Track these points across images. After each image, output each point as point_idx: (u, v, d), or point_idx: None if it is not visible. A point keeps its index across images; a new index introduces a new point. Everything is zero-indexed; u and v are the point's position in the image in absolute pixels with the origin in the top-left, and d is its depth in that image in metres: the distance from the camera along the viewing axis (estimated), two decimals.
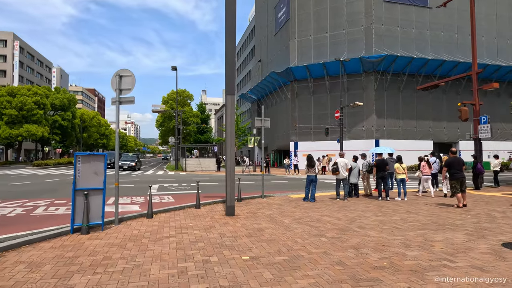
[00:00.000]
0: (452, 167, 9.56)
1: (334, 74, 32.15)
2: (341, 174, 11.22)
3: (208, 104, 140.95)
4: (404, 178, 11.36)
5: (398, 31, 31.81)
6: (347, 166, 11.35)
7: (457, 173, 9.47)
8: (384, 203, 10.49)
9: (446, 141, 33.53)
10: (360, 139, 31.18)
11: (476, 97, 15.08)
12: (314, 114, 33.70)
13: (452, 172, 9.55)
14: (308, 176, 10.88)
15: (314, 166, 10.83)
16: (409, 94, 32.34)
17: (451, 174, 9.56)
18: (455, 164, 9.58)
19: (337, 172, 11.23)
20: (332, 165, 11.47)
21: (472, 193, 13.18)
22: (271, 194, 12.63)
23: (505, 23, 35.17)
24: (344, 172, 11.26)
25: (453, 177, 9.51)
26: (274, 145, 41.42)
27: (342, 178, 11.32)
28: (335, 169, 11.27)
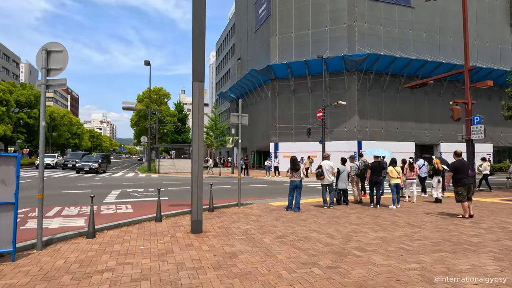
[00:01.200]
0: (458, 172, 8.35)
1: (316, 72, 31.04)
2: (326, 179, 9.90)
3: (187, 104, 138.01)
4: (399, 183, 10.25)
5: (381, 30, 31.07)
6: (332, 170, 10.06)
7: (465, 178, 8.29)
8: (379, 213, 9.17)
9: (428, 142, 33.09)
10: (342, 140, 30.17)
11: (468, 95, 14.13)
12: (295, 114, 32.47)
13: (458, 177, 8.35)
14: (291, 182, 9.46)
15: (299, 170, 9.41)
16: (391, 95, 31.67)
17: (458, 179, 8.35)
18: (462, 168, 8.39)
19: (322, 177, 9.87)
20: (316, 169, 10.13)
21: None
22: (249, 201, 11.08)
23: (486, 26, 35.17)
24: (329, 176, 9.97)
25: (460, 183, 8.30)
26: (253, 145, 39.95)
27: (327, 184, 10.00)
28: (319, 173, 9.90)
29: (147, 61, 28.09)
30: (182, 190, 14.91)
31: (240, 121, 9.85)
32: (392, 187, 10.26)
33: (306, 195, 13.01)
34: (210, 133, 38.09)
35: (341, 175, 10.49)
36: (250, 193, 14.02)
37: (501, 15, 36.88)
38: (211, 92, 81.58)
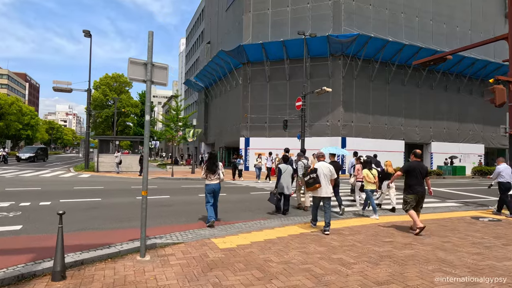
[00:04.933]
0: (412, 176, 6.76)
1: (296, 56, 26.44)
2: (324, 189, 6.66)
3: (158, 97, 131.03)
4: (374, 189, 8.80)
5: (371, 10, 26.89)
6: (332, 176, 6.87)
7: (417, 185, 6.74)
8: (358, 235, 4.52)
9: (418, 141, 29.36)
10: (324, 136, 25.77)
11: None
12: (270, 104, 27.74)
13: (411, 183, 6.76)
14: (207, 186, 7.22)
15: (216, 171, 7.26)
16: (380, 86, 27.60)
17: (410, 185, 6.79)
18: (416, 172, 6.75)
19: (317, 186, 6.62)
20: (308, 173, 6.87)
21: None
22: (178, 232, 6.20)
23: (480, 16, 31.90)
24: (328, 185, 6.74)
25: (411, 190, 6.75)
26: (222, 141, 34.91)
27: (325, 196, 6.68)
28: (314, 180, 6.62)
29: (87, 31, 22.37)
30: (112, 206, 9.75)
31: (151, 75, 4.81)
32: (368, 193, 8.70)
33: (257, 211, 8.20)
34: (171, 125, 32.67)
35: (282, 176, 8.60)
36: (194, 209, 9.10)
37: (495, 6, 33.79)
38: (181, 83, 75.40)
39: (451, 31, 30.07)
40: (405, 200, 6.87)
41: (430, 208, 10.37)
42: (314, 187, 6.63)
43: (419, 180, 6.77)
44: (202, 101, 43.63)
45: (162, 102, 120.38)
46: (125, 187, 14.07)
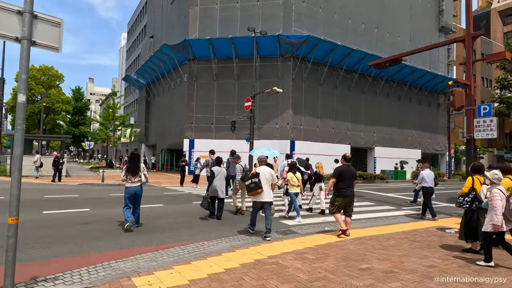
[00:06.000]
0: (341, 180, 6.72)
1: (245, 55, 25.22)
2: (265, 193, 6.66)
3: (96, 95, 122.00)
4: (298, 192, 8.83)
5: (320, 13, 26.69)
6: (273, 180, 6.87)
7: (346, 189, 6.70)
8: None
9: (363, 146, 29.86)
10: (273, 139, 24.82)
11: (470, 72, 9.52)
12: (218, 104, 26.15)
13: (340, 186, 6.72)
14: (127, 189, 6.89)
15: (138, 172, 6.97)
16: (328, 90, 27.48)
17: (338, 189, 6.74)
18: (347, 175, 6.74)
19: (259, 191, 6.57)
20: (249, 177, 6.77)
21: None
22: (87, 266, 4.43)
23: (418, 29, 33.60)
24: (270, 190, 6.78)
25: (340, 194, 6.70)
26: (164, 142, 32.42)
27: (267, 201, 6.69)
28: (256, 185, 6.57)
29: None
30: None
31: (29, 30, 3.04)
32: (293, 197, 8.65)
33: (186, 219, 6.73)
34: (107, 124, 29.44)
35: (215, 179, 8.32)
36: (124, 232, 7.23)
37: (431, 20, 36.02)
38: (121, 80, 70.22)
39: (393, 40, 31.18)
40: (332, 203, 6.83)
41: (390, 217, 9.64)
42: (256, 192, 6.54)
43: (349, 184, 6.75)
44: (143, 99, 40.47)
45: (103, 100, 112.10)
46: (36, 197, 11.51)
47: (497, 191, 4.94)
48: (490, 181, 5.13)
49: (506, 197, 4.95)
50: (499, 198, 4.86)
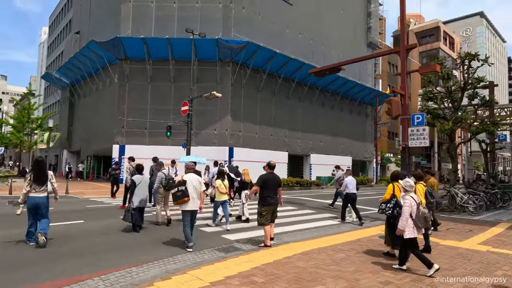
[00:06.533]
0: (266, 187, 6.57)
1: (182, 57, 24.10)
2: (192, 202, 6.43)
3: (9, 94, 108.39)
4: (226, 200, 8.70)
5: (259, 20, 26.78)
6: (201, 188, 6.71)
7: (270, 197, 6.60)
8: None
9: (300, 153, 30.50)
10: (211, 146, 23.99)
11: (404, 82, 9.92)
12: (152, 108, 24.51)
13: (265, 194, 6.57)
14: (30, 199, 6.17)
15: (46, 181, 6.30)
16: (267, 97, 27.58)
17: (264, 197, 6.58)
18: (270, 184, 6.61)
19: (186, 199, 6.34)
20: (176, 185, 6.50)
21: None
22: None
23: (348, 43, 35.61)
24: (198, 198, 6.57)
25: (266, 203, 6.57)
26: (90, 148, 29.49)
27: (194, 210, 6.50)
28: (183, 193, 6.32)
29: None
30: None
31: None
32: (217, 205, 8.56)
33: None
34: (20, 127, 25.75)
35: (137, 188, 7.86)
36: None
37: (361, 36, 38.62)
38: (41, 79, 63.05)
39: (327, 53, 32.59)
40: (260, 213, 6.63)
41: (334, 225, 9.50)
42: (183, 201, 6.30)
43: (273, 192, 6.65)
44: (66, 100, 36.57)
45: (17, 101, 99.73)
46: None
47: (408, 198, 5.15)
48: (403, 189, 5.39)
49: (416, 204, 5.13)
50: (408, 205, 5.06)
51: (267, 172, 6.81)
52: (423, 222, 5.11)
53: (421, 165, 47.78)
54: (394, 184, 6.15)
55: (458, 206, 12.07)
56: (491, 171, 18.64)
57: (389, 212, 5.84)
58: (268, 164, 6.88)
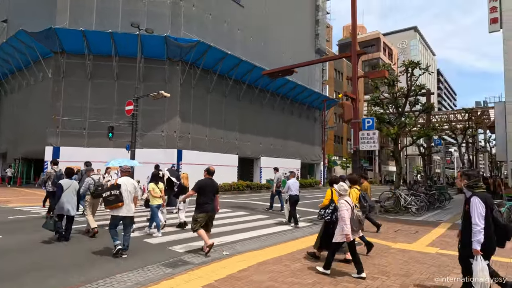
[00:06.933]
0: (203, 194, 6.41)
1: (127, 54, 22.54)
2: (126, 207, 6.18)
3: None
4: (160, 204, 8.39)
5: (210, 20, 26.14)
6: (136, 193, 6.48)
7: (207, 204, 6.43)
8: None
9: (250, 156, 30.31)
10: (158, 148, 22.76)
11: (356, 87, 10.04)
12: (92, 107, 22.61)
13: (202, 201, 6.39)
14: None
15: None
16: (218, 99, 26.96)
17: (200, 204, 6.40)
18: (208, 189, 6.48)
19: (119, 204, 6.06)
20: (109, 189, 6.19)
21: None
22: None
23: (298, 49, 36.28)
24: (131, 203, 6.33)
25: (202, 209, 6.36)
26: (18, 150, 26.45)
27: (127, 215, 6.25)
28: (116, 198, 6.03)
29: None
30: None
31: None
32: (154, 210, 8.08)
33: None
34: None
35: (64, 193, 7.18)
36: None
37: (309, 41, 39.67)
38: None
39: (277, 57, 32.79)
40: (195, 219, 6.42)
41: (288, 231, 9.23)
42: (116, 206, 6.02)
43: (210, 198, 6.51)
44: None
45: None
46: None
47: (343, 202, 5.15)
48: (338, 193, 5.39)
49: (351, 208, 5.15)
50: (345, 208, 5.06)
51: (205, 177, 6.65)
52: (357, 225, 5.18)
53: (364, 167, 50.41)
54: (333, 189, 6.07)
55: (402, 207, 12.56)
56: (428, 173, 20.10)
57: (328, 217, 5.83)
58: (207, 170, 6.72)
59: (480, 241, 3.76)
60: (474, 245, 3.78)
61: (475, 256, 3.79)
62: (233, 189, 24.10)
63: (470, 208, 3.86)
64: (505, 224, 3.91)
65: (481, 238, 3.76)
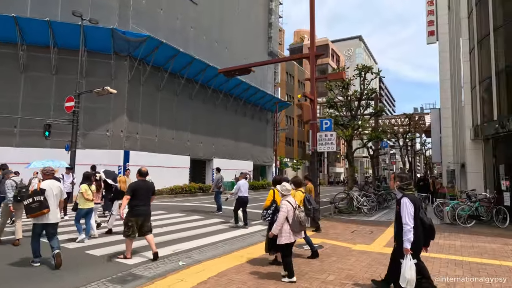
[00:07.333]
0: (136, 196, 6.08)
1: (67, 45, 20.68)
2: (53, 213, 5.68)
3: None
4: (92, 208, 7.79)
5: (162, 15, 24.99)
6: (62, 197, 6.05)
7: (141, 206, 6.12)
8: None
9: (203, 157, 29.49)
10: (102, 149, 21.11)
11: (314, 89, 10.01)
12: (26, 102, 20.32)
13: (134, 204, 6.07)
14: None
15: None
16: (169, 97, 25.84)
17: (132, 207, 6.10)
18: (142, 192, 6.18)
19: (45, 211, 5.52)
20: (31, 195, 5.58)
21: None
22: None
23: (252, 51, 36.21)
24: (57, 208, 5.87)
25: (134, 212, 6.06)
26: None
27: (52, 223, 5.75)
28: (41, 204, 5.49)
29: None
30: None
31: None
32: (81, 213, 7.53)
33: None
34: None
35: None
36: None
37: (262, 44, 39.82)
38: None
39: (231, 57, 32.41)
40: (126, 224, 6.09)
41: (246, 235, 8.84)
42: (41, 213, 5.49)
43: (145, 201, 6.25)
44: None
45: None
46: None
47: (285, 202, 5.08)
48: (281, 193, 5.33)
49: (293, 208, 5.07)
50: (284, 210, 5.00)
51: (138, 179, 6.37)
52: (298, 227, 5.07)
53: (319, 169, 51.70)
54: (275, 190, 6.00)
55: (355, 208, 12.84)
56: (376, 174, 21.09)
57: (269, 218, 5.77)
58: (139, 171, 6.41)
59: (410, 240, 3.87)
60: (405, 244, 3.88)
61: (405, 254, 3.88)
62: (185, 192, 23.22)
63: (401, 208, 3.98)
64: (430, 225, 4.13)
65: (411, 237, 3.87)
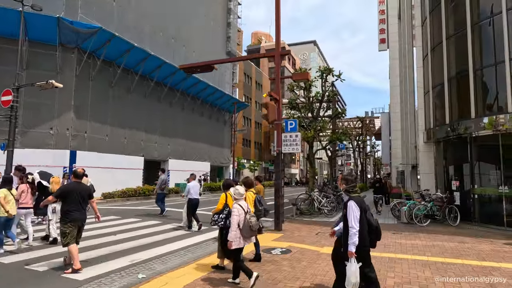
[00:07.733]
0: (69, 200, 5.64)
1: (6, 33, 18.64)
2: None
3: None
4: (14, 216, 7.00)
5: (114, 8, 23.49)
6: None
7: (75, 211, 5.64)
8: None
9: (157, 158, 28.20)
10: (45, 148, 19.24)
11: (278, 88, 9.79)
12: None
13: (67, 209, 5.62)
14: None
15: None
16: (121, 95, 24.32)
17: (65, 212, 5.64)
18: (75, 195, 5.67)
19: None
20: None
21: None
22: None
23: (210, 51, 35.51)
24: None
25: (69, 218, 5.57)
26: None
27: None
28: None
29: None
30: None
31: None
32: (2, 222, 6.79)
33: None
34: None
35: None
36: None
37: (220, 43, 39.28)
38: None
39: (189, 55, 31.51)
40: (63, 232, 5.60)
41: (210, 240, 8.36)
42: None
43: (80, 205, 5.77)
44: None
45: None
46: None
47: (236, 206, 4.98)
48: (233, 197, 5.25)
49: (244, 212, 4.96)
50: (236, 213, 4.89)
51: (72, 181, 6.04)
52: (248, 232, 4.94)
53: (269, 170, 52.17)
54: (227, 194, 5.85)
55: (316, 209, 12.88)
56: (334, 175, 21.59)
57: (222, 223, 5.62)
58: (74, 173, 6.02)
59: (355, 243, 3.87)
60: (350, 247, 3.88)
61: (349, 258, 3.88)
62: (138, 195, 21.98)
63: (347, 211, 3.98)
64: (377, 226, 4.13)
65: (356, 240, 3.88)
